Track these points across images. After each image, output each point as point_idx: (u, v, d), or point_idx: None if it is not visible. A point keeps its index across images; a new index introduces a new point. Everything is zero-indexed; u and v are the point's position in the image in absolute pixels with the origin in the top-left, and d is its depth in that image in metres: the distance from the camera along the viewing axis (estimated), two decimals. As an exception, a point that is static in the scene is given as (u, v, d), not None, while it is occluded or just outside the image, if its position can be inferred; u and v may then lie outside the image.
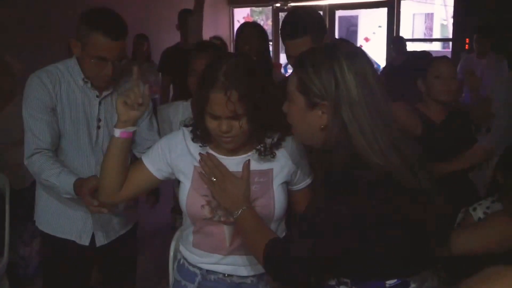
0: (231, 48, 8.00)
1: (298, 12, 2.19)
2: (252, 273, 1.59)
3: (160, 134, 2.25)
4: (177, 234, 1.91)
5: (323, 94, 1.23)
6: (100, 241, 2.07)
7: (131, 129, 1.57)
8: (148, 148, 1.69)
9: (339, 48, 1.28)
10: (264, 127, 1.50)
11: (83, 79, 1.94)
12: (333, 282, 1.30)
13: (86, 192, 1.78)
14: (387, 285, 1.25)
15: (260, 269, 1.56)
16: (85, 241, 2.04)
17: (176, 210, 2.62)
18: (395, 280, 1.25)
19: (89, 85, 1.95)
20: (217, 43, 2.55)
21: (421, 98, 2.56)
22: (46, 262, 2.19)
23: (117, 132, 1.56)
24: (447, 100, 2.47)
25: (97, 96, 1.97)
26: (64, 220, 2.01)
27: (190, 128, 1.59)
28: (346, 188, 1.19)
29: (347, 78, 1.21)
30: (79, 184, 1.83)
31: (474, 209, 2.09)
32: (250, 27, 3.14)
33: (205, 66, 1.49)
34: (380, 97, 1.24)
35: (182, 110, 2.27)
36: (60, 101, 1.93)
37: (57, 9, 4.78)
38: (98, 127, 1.99)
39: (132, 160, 2.06)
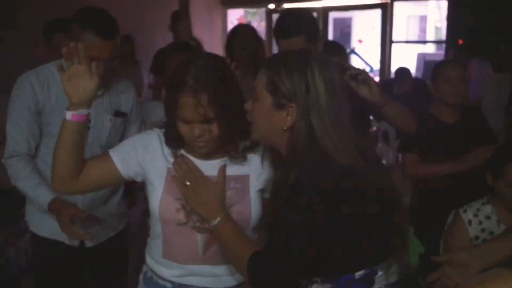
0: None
1: (292, 13, 2.21)
2: (228, 285, 1.53)
3: None
4: None
5: (292, 96, 1.28)
6: (90, 242, 2.06)
7: (84, 111, 1.45)
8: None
9: (312, 54, 1.34)
10: (238, 130, 1.45)
11: None
12: (302, 282, 1.32)
13: (67, 223, 1.78)
14: (356, 277, 1.28)
15: (234, 280, 1.52)
16: (75, 242, 2.03)
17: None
18: (364, 271, 1.29)
19: None
20: (193, 44, 2.55)
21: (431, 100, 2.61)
22: (37, 263, 2.18)
23: (68, 115, 1.44)
24: (456, 103, 2.52)
25: None
26: (54, 221, 1.99)
27: (163, 130, 1.53)
28: (315, 190, 1.21)
29: (318, 84, 1.27)
30: (55, 206, 1.84)
31: (465, 211, 2.10)
32: (245, 29, 3.14)
33: (174, 69, 1.44)
34: (344, 104, 1.31)
35: (158, 110, 2.24)
36: (49, 102, 1.92)
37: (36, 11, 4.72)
38: (88, 128, 1.95)
39: None
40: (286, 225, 1.25)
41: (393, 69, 6.75)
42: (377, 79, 7.29)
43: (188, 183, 1.42)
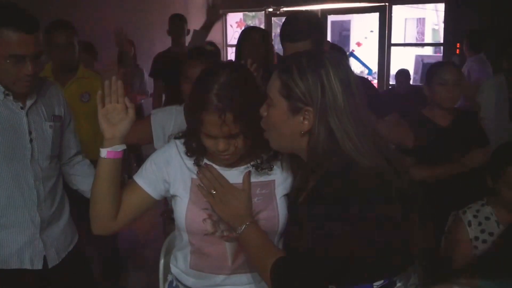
0: (224, 53, 8.00)
1: (300, 16, 2.19)
2: None
3: (154, 138, 2.23)
4: (164, 249, 1.80)
5: (308, 99, 1.24)
6: (53, 261, 1.94)
7: (119, 147, 1.43)
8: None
9: (325, 54, 1.29)
10: (262, 141, 1.40)
11: (3, 92, 1.78)
12: None
13: None
14: (374, 287, 1.25)
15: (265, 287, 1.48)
16: (38, 265, 1.90)
17: (168, 214, 2.58)
18: (382, 281, 1.25)
19: (10, 97, 1.79)
20: (211, 49, 2.52)
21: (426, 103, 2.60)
22: None
23: (103, 152, 1.42)
24: (451, 106, 2.51)
25: (21, 108, 1.82)
26: (11, 248, 1.84)
27: (183, 141, 1.51)
28: (341, 195, 1.18)
29: (333, 85, 1.23)
30: None
31: (464, 213, 2.11)
32: (254, 35, 3.07)
33: (195, 84, 1.40)
34: (361, 103, 1.26)
35: (175, 114, 2.24)
36: None
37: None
38: (31, 140, 1.85)
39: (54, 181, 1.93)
40: (307, 232, 1.22)
41: (392, 71, 6.79)
42: (375, 82, 7.30)
43: (213, 192, 1.40)
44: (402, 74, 5.91)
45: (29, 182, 1.85)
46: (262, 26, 8.04)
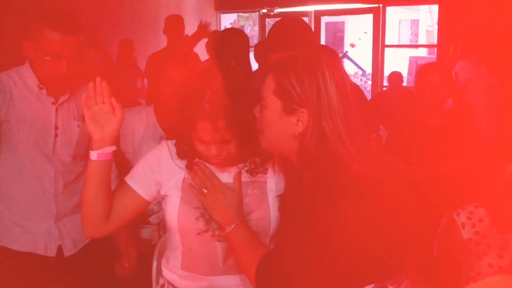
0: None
1: (284, 26, 2.14)
2: None
3: (120, 140, 2.18)
4: (157, 252, 1.79)
5: (303, 101, 1.23)
6: (69, 250, 1.97)
7: (108, 149, 1.43)
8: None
9: (322, 57, 1.29)
10: (255, 144, 1.40)
11: (38, 85, 1.85)
12: None
13: None
14: None
15: None
16: (52, 252, 1.93)
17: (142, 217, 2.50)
18: (373, 285, 1.25)
19: (44, 91, 1.86)
20: (185, 50, 2.52)
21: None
22: (6, 280, 1.96)
23: (94, 155, 1.41)
24: (437, 106, 2.52)
25: (53, 103, 1.88)
26: (27, 232, 1.90)
27: (174, 142, 1.51)
28: (331, 199, 1.18)
29: (329, 88, 1.23)
30: None
31: (458, 214, 2.11)
32: (235, 36, 3.03)
33: (187, 89, 1.40)
34: (355, 108, 1.26)
35: (145, 115, 2.23)
36: (13, 111, 1.83)
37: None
38: (56, 135, 1.90)
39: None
40: (295, 233, 1.21)
41: (386, 73, 6.81)
42: (369, 83, 7.32)
43: (205, 191, 1.40)
44: (394, 77, 5.88)
45: (49, 174, 1.90)
46: (256, 28, 8.06)
